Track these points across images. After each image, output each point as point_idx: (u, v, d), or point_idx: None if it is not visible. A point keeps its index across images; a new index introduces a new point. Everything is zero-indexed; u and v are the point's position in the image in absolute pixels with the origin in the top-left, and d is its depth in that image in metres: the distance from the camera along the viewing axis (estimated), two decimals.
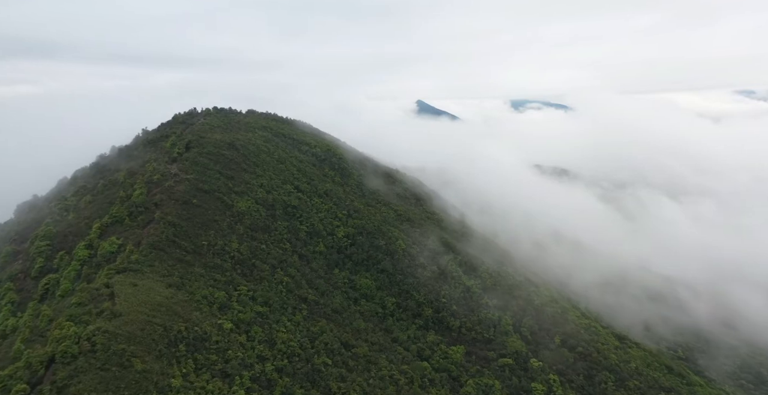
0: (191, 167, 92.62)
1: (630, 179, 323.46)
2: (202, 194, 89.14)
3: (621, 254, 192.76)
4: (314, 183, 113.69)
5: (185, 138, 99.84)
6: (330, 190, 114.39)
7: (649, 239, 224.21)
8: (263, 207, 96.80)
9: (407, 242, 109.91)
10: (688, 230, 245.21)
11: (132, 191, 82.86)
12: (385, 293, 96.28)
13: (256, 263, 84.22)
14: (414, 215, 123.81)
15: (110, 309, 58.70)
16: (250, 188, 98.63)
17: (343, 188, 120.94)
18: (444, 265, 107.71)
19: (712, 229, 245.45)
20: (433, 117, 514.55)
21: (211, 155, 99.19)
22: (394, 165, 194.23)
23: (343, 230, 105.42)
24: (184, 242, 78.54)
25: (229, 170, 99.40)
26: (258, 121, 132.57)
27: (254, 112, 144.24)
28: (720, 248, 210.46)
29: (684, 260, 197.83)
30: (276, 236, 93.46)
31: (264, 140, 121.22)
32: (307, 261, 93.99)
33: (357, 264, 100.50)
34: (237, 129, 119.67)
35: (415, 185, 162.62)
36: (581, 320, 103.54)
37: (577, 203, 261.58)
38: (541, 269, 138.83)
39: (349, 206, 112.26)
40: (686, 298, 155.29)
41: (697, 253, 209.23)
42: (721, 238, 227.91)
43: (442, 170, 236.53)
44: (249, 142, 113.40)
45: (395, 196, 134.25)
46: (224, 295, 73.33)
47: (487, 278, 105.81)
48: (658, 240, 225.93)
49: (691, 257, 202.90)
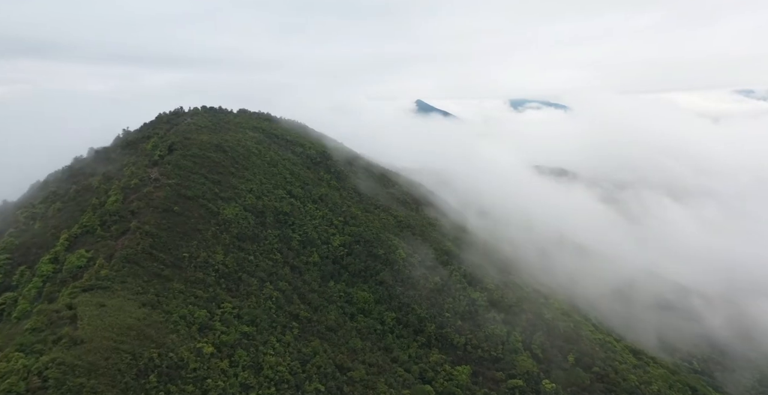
0: (173, 171, 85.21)
1: (631, 180, 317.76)
2: (184, 201, 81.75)
3: (628, 259, 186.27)
4: (308, 188, 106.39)
5: (168, 139, 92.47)
6: (325, 195, 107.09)
7: (654, 243, 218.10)
8: (252, 214, 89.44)
9: (407, 251, 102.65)
10: (694, 234, 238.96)
11: (106, 198, 75.42)
12: (384, 307, 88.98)
13: (243, 276, 76.85)
14: (415, 222, 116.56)
15: (70, 334, 51.27)
16: (239, 194, 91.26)
17: (339, 193, 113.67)
18: (447, 276, 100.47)
19: (717, 232, 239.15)
20: (432, 117, 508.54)
21: (196, 158, 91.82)
22: (394, 167, 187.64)
23: (339, 238, 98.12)
24: (163, 255, 71.12)
25: (215, 174, 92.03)
26: (249, 121, 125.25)
27: (246, 111, 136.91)
28: (728, 253, 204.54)
29: (693, 266, 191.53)
30: (266, 246, 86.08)
31: (255, 141, 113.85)
32: (299, 273, 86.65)
33: (354, 276, 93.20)
34: (226, 130, 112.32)
35: (415, 188, 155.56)
36: (595, 335, 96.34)
37: (580, 205, 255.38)
38: (547, 277, 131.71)
39: (345, 213, 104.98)
40: (698, 306, 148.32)
41: (705, 258, 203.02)
42: (728, 242, 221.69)
43: (441, 171, 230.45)
44: (238, 143, 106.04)
45: (395, 200, 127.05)
46: (206, 314, 65.94)
47: (493, 290, 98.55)
48: (664, 244, 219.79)
49: (700, 263, 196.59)
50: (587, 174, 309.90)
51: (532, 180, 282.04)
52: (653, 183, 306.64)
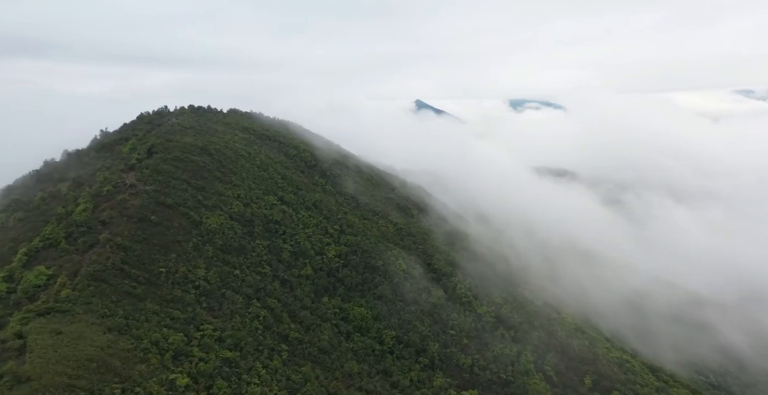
0: (152, 176, 77.60)
1: (631, 180, 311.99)
2: (163, 209, 74.14)
3: (635, 264, 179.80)
4: (301, 193, 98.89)
5: (148, 141, 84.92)
6: (319, 201, 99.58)
7: (660, 247, 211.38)
8: (239, 223, 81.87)
9: (408, 261, 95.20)
10: (700, 237, 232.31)
11: (74, 207, 67.80)
12: (383, 324, 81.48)
13: (227, 293, 69.25)
14: (415, 229, 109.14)
15: (14, 371, 43.66)
16: (224, 201, 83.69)
17: (335, 199, 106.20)
18: (451, 289, 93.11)
19: (724, 235, 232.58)
20: (431, 117, 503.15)
21: (178, 162, 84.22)
22: (393, 169, 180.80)
23: (334, 248, 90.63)
24: (136, 271, 63.50)
25: (199, 179, 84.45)
26: (239, 121, 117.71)
27: (236, 111, 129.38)
28: (737, 257, 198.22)
29: (702, 271, 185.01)
30: (253, 258, 78.49)
31: (245, 143, 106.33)
32: (290, 288, 79.08)
33: (350, 289, 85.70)
34: (213, 131, 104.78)
35: (416, 192, 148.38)
36: (612, 353, 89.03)
37: (582, 208, 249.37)
38: (554, 286, 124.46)
39: (341, 220, 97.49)
40: (712, 316, 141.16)
41: (713, 262, 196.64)
42: (735, 245, 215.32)
43: (440, 172, 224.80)
44: (226, 145, 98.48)
45: (394, 206, 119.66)
46: (182, 338, 58.32)
47: (501, 305, 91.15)
48: (670, 247, 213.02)
49: (709, 267, 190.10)
50: (588, 175, 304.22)
51: (533, 182, 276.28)
52: (654, 184, 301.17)
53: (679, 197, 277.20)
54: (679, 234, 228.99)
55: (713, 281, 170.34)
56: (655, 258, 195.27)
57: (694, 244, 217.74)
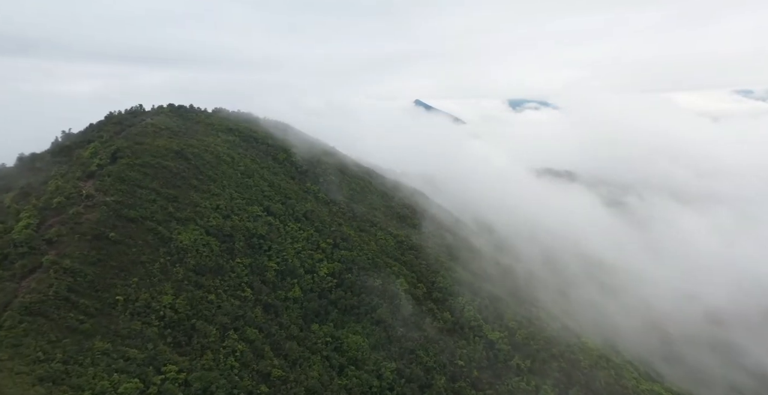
0: (114, 184, 66.97)
1: (633, 182, 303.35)
2: (125, 225, 63.51)
3: (648, 274, 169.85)
4: (291, 203, 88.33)
5: (113, 144, 74.39)
6: (311, 211, 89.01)
7: (671, 254, 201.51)
8: (217, 239, 71.24)
9: (410, 280, 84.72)
10: (711, 243, 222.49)
11: (15, 222, 57.16)
12: (382, 355, 70.92)
13: (198, 324, 58.61)
14: (418, 242, 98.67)
15: None
16: (200, 213, 73.07)
17: (328, 208, 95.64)
18: (459, 310, 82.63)
19: (735, 241, 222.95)
20: (430, 117, 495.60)
21: (147, 168, 73.59)
22: (392, 172, 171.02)
23: (326, 265, 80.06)
24: (86, 300, 52.85)
25: (171, 187, 73.81)
26: (224, 122, 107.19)
27: (223, 110, 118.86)
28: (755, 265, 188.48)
29: (720, 282, 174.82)
30: (232, 280, 67.85)
31: (229, 146, 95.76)
32: (275, 314, 68.46)
33: (344, 313, 75.15)
34: (194, 132, 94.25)
35: (416, 198, 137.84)
36: (641, 384, 78.60)
37: (587, 213, 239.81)
38: (567, 302, 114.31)
39: (335, 233, 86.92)
40: (737, 334, 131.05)
41: (729, 271, 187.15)
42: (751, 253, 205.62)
43: (440, 175, 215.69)
44: (206, 149, 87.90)
45: (394, 215, 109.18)
46: (136, 386, 47.70)
47: (515, 329, 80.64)
48: (682, 255, 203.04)
49: (726, 277, 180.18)
50: (589, 176, 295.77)
51: (534, 185, 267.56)
52: (656, 185, 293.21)
53: (681, 198, 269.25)
54: (687, 239, 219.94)
55: (732, 293, 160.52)
56: (666, 266, 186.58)
57: (703, 249, 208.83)
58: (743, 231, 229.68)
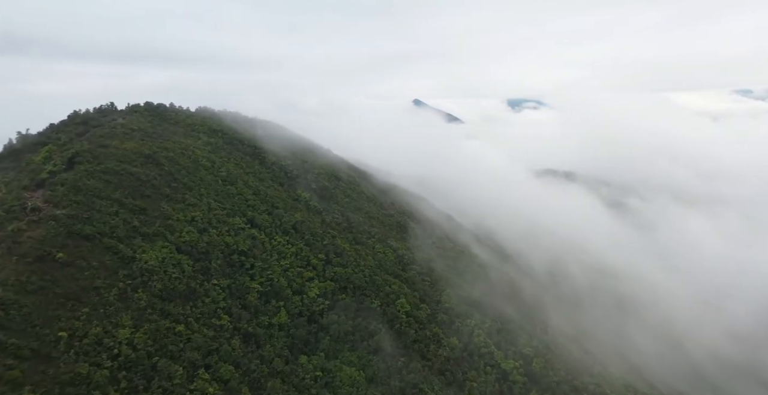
0: (68, 195, 57.35)
1: (634, 183, 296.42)
2: (78, 243, 53.89)
3: (666, 286, 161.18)
4: (278, 213, 78.76)
5: (71, 148, 64.83)
6: (301, 222, 79.45)
7: (685, 261, 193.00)
8: (190, 257, 61.65)
9: (413, 300, 75.27)
10: (719, 248, 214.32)
11: None
12: (381, 390, 61.48)
13: (161, 363, 48.95)
14: (420, 255, 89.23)
15: None
16: (172, 227, 63.46)
17: (321, 218, 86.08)
18: (467, 335, 73.21)
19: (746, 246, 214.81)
20: (429, 117, 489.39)
21: (110, 175, 63.97)
22: (390, 175, 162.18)
23: (317, 285, 70.55)
24: (17, 339, 43.17)
25: (138, 198, 64.17)
26: (207, 122, 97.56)
27: (207, 109, 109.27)
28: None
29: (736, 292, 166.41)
30: (206, 306, 58.26)
31: (210, 149, 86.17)
32: (256, 345, 58.90)
33: (337, 341, 65.62)
34: (171, 134, 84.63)
35: (416, 204, 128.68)
36: None
37: (594, 218, 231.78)
38: (586, 322, 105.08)
39: (328, 247, 77.41)
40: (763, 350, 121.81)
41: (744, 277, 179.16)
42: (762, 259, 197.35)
43: (439, 177, 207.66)
44: (183, 153, 78.29)
45: (394, 225, 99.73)
46: None
47: (531, 357, 71.26)
48: (693, 261, 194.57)
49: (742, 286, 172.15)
50: (590, 178, 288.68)
51: (536, 187, 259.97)
52: (658, 186, 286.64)
53: (683, 199, 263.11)
54: (696, 243, 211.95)
55: (753, 303, 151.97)
56: (678, 273, 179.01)
57: (714, 253, 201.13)
58: (752, 234, 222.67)
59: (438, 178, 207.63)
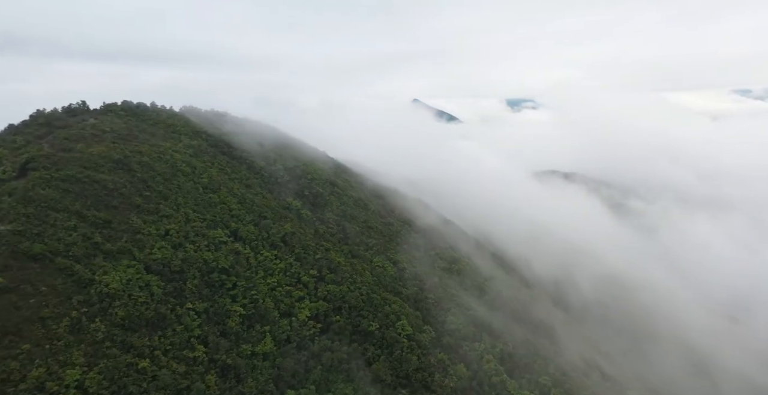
0: (16, 207, 49.49)
1: (635, 184, 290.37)
2: (24, 264, 45.99)
3: (679, 296, 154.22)
4: (266, 224, 70.91)
5: (27, 152, 57.02)
6: (291, 234, 71.60)
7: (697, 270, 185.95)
8: (161, 278, 53.79)
9: (415, 321, 67.46)
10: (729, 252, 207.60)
11: None
12: None
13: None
14: (423, 269, 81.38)
15: None
16: (141, 243, 55.58)
17: (314, 229, 78.26)
18: (477, 361, 65.41)
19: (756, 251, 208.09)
20: (428, 117, 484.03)
21: (70, 183, 56.11)
22: (389, 178, 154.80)
23: (308, 306, 62.74)
24: None
25: (102, 209, 56.28)
26: (191, 123, 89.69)
27: (193, 109, 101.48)
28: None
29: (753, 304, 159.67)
30: (177, 336, 50.34)
31: (192, 152, 78.27)
32: (235, 379, 51.02)
33: (330, 371, 57.77)
34: (148, 136, 76.74)
35: (417, 211, 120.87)
36: None
37: (598, 221, 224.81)
38: (600, 339, 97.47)
39: (321, 262, 69.59)
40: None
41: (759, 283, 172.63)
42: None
43: (438, 180, 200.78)
44: (159, 157, 70.42)
45: (393, 234, 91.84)
46: None
47: (549, 387, 63.47)
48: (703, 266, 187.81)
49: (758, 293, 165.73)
50: (591, 179, 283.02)
51: (538, 190, 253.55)
52: (658, 187, 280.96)
53: (685, 200, 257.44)
54: (702, 247, 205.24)
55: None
56: (690, 280, 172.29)
57: (722, 259, 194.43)
58: (760, 238, 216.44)
59: (436, 179, 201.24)
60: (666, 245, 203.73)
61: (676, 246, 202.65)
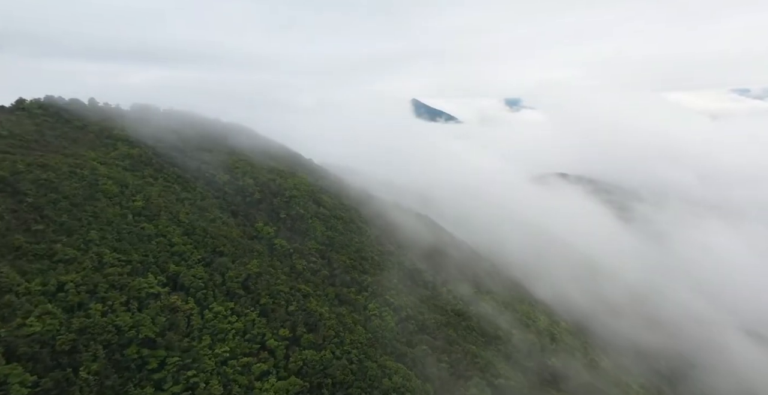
0: None
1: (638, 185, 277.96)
2: None
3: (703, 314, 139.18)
4: (221, 263, 51.81)
5: None
6: (257, 276, 52.52)
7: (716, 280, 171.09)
8: (33, 367, 34.49)
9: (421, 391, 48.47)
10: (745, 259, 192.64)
11: None
12: None
13: None
14: (433, 317, 62.27)
15: None
16: (11, 307, 36.28)
17: (289, 266, 59.17)
18: None
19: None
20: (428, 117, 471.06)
21: None
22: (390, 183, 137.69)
23: (275, 386, 43.68)
24: None
25: None
26: (135, 126, 70.45)
27: (147, 108, 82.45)
28: None
29: None
30: None
31: (129, 164, 59.16)
32: None
33: None
34: (67, 143, 57.72)
35: (423, 230, 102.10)
36: None
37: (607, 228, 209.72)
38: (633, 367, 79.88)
39: (296, 315, 50.60)
40: None
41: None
42: None
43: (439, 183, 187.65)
44: (73, 172, 51.33)
45: (394, 268, 72.70)
46: None
47: None
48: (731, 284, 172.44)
49: None
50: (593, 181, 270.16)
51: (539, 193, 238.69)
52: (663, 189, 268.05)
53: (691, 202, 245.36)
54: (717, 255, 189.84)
55: None
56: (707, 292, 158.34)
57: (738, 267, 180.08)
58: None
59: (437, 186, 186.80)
60: (681, 255, 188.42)
61: (691, 256, 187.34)
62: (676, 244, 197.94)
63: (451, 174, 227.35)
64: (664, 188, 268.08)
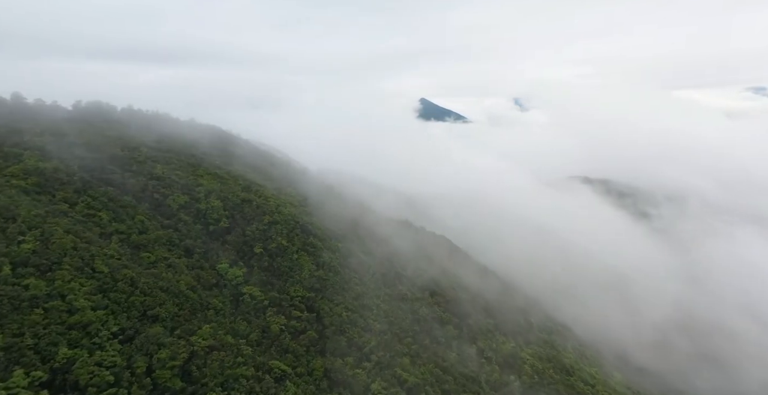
0: None
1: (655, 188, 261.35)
2: None
3: (746, 337, 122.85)
4: (150, 335, 34.09)
5: None
6: (204, 355, 34.74)
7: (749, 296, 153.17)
8: None
9: None
10: None
11: None
12: None
13: None
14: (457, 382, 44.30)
15: None
16: None
17: (260, 329, 41.44)
18: None
19: None
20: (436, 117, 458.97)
21: None
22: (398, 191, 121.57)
23: None
24: None
25: None
26: (78, 125, 53.38)
27: (99, 105, 65.37)
28: None
29: None
30: None
31: (28, 185, 41.91)
32: None
33: None
34: None
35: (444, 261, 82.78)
36: None
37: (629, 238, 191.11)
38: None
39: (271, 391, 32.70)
40: None
41: None
42: None
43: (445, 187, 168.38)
44: None
45: (408, 319, 54.67)
46: None
47: None
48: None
49: None
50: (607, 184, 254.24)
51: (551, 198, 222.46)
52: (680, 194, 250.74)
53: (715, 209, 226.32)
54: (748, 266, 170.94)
55: None
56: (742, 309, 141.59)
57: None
58: None
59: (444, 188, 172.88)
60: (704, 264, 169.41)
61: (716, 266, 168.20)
62: (700, 253, 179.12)
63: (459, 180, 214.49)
64: (682, 192, 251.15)
